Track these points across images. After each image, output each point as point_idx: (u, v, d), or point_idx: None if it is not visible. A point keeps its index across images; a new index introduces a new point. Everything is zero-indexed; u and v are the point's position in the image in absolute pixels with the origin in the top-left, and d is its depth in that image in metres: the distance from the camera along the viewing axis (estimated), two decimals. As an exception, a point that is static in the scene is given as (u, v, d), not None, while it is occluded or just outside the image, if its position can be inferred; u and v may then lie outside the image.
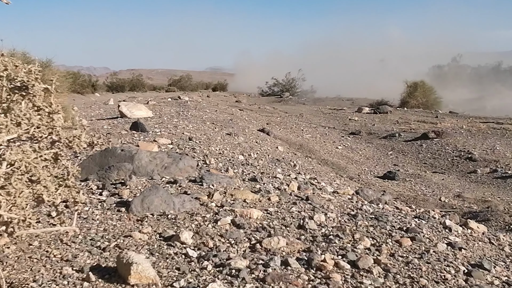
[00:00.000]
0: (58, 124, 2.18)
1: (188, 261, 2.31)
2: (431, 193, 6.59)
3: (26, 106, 2.12)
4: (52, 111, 2.17)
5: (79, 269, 2.15)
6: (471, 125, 12.22)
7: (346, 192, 4.25)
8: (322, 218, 3.04)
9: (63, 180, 2.24)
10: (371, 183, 7.07)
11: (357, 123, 13.72)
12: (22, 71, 2.12)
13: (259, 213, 3.04)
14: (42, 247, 2.38)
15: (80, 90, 19.35)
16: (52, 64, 10.81)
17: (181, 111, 11.02)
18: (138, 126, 6.93)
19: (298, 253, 2.49)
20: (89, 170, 3.94)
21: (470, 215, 5.06)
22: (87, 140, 2.28)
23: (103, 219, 2.85)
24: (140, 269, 2.01)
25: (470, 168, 8.26)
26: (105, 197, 3.29)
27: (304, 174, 5.30)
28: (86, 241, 2.48)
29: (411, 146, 10.35)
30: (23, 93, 2.12)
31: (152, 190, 3.14)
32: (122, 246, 2.44)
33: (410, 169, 8.43)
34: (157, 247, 2.46)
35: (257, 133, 9.37)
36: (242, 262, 2.27)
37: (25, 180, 2.05)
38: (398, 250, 2.62)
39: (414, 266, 2.40)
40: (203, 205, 3.15)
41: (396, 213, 3.48)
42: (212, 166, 4.65)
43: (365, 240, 2.70)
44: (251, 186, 3.90)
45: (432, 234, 2.96)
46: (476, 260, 2.60)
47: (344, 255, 2.46)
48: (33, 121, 2.09)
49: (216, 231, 2.70)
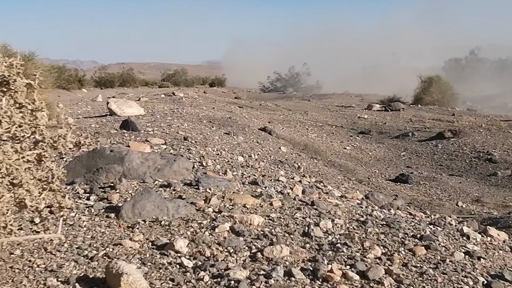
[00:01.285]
0: (41, 123, 2.18)
1: (183, 271, 2.31)
2: (447, 198, 6.59)
3: (7, 103, 2.12)
4: (36, 108, 2.18)
5: (65, 280, 2.15)
6: (491, 124, 12.21)
7: (354, 196, 4.25)
8: (329, 224, 3.04)
9: (47, 184, 2.24)
10: (382, 186, 7.07)
11: (366, 122, 13.72)
12: (2, 65, 2.12)
13: (260, 219, 3.04)
14: (25, 256, 2.38)
15: (65, 86, 19.38)
16: (35, 58, 10.82)
17: (175, 109, 11.04)
18: (129, 124, 6.93)
19: (303, 262, 2.49)
20: (75, 172, 3.94)
21: (489, 222, 5.05)
22: (73, 140, 2.28)
23: (91, 226, 2.86)
24: (131, 280, 2.01)
25: (489, 170, 8.25)
26: (93, 202, 3.30)
27: (309, 177, 5.31)
28: (72, 250, 2.48)
29: (425, 146, 10.34)
30: (4, 89, 2.13)
31: (144, 194, 3.14)
32: (111, 255, 2.44)
33: (425, 171, 8.42)
34: (150, 256, 2.46)
35: (258, 132, 9.38)
36: (242, 272, 2.27)
37: (6, 183, 2.05)
38: (412, 259, 2.62)
39: (429, 277, 2.40)
40: (200, 211, 3.16)
41: (409, 219, 3.48)
42: (209, 168, 4.65)
43: (376, 248, 2.70)
44: (251, 190, 3.90)
45: (448, 242, 2.95)
46: (497, 271, 2.59)
47: (353, 265, 2.46)
48: (15, 119, 2.10)
49: (214, 239, 2.70)
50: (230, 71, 40.48)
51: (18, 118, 2.11)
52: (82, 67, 43.48)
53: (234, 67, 44.95)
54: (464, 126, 12.02)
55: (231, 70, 41.16)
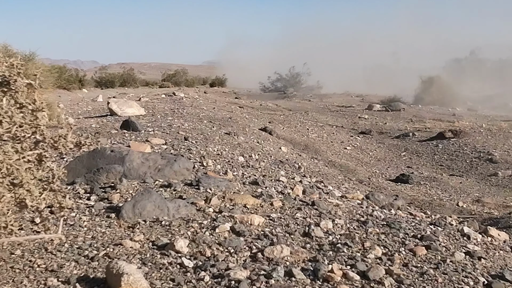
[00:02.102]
0: (42, 123, 2.18)
1: (183, 271, 2.31)
2: (448, 198, 6.59)
3: (7, 103, 2.12)
4: (36, 108, 2.18)
5: (65, 280, 2.15)
6: (491, 124, 12.21)
7: (355, 196, 4.25)
8: (329, 225, 3.04)
9: (47, 184, 2.24)
10: (383, 186, 7.07)
11: (367, 122, 13.72)
12: (3, 65, 2.12)
13: (261, 219, 3.04)
14: (25, 256, 2.38)
15: (66, 86, 19.38)
16: (36, 58, 10.83)
17: (176, 109, 11.04)
18: (129, 124, 6.94)
19: (303, 262, 2.49)
20: (76, 172, 3.95)
21: (490, 222, 5.05)
22: (73, 140, 2.28)
23: (91, 226, 2.86)
24: (131, 280, 2.01)
25: (490, 170, 8.25)
26: (94, 202, 3.30)
27: (309, 177, 5.31)
28: (72, 250, 2.48)
29: (426, 146, 10.34)
30: (4, 89, 2.13)
31: (144, 194, 3.14)
32: (111, 255, 2.44)
33: (425, 171, 8.42)
34: (150, 256, 2.46)
35: (259, 133, 9.38)
36: (242, 272, 2.27)
37: (6, 183, 2.05)
38: (412, 259, 2.62)
39: (429, 277, 2.40)
40: (200, 211, 3.16)
41: (409, 219, 3.48)
42: (209, 168, 4.65)
43: (376, 248, 2.70)
44: (252, 190, 3.90)
45: (449, 242, 2.95)
46: (497, 271, 2.59)
47: (353, 265, 2.46)
48: (15, 119, 2.10)
49: (214, 239, 2.70)
50: (230, 71, 40.48)
51: (19, 118, 2.12)
52: (82, 67, 43.47)
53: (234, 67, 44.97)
54: (465, 126, 12.02)
55: (232, 70, 41.15)
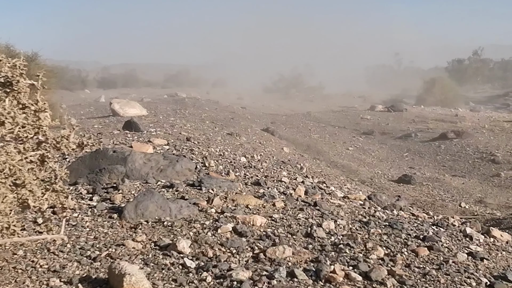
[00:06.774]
0: (44, 123, 2.19)
1: (185, 272, 2.31)
2: (450, 198, 6.57)
3: (10, 104, 2.12)
4: (39, 109, 2.18)
5: (68, 280, 2.15)
6: (494, 125, 12.18)
7: (357, 197, 4.24)
8: (332, 225, 3.04)
9: (50, 184, 2.24)
10: (385, 187, 7.06)
11: (369, 122, 13.70)
12: (6, 65, 2.13)
13: (263, 220, 3.04)
14: (28, 256, 2.39)
15: (68, 86, 19.44)
16: (38, 58, 10.84)
17: (178, 109, 11.05)
18: (132, 125, 6.94)
19: (305, 263, 2.49)
20: (78, 173, 3.95)
21: (492, 223, 5.03)
22: (76, 140, 2.28)
23: (94, 227, 2.86)
24: (133, 280, 2.01)
25: (493, 171, 8.23)
26: (96, 203, 3.30)
27: (311, 177, 5.30)
28: (75, 250, 2.49)
29: (428, 147, 10.33)
30: (7, 90, 2.13)
31: (146, 195, 3.14)
32: (114, 256, 2.45)
33: (428, 172, 8.40)
34: (152, 257, 2.46)
35: (261, 133, 9.38)
36: (245, 273, 2.27)
37: (9, 184, 2.05)
38: (414, 260, 2.62)
39: (431, 278, 2.39)
40: (202, 211, 3.16)
41: (412, 220, 3.48)
42: (211, 169, 4.65)
43: (378, 249, 2.69)
44: (254, 190, 3.90)
45: (451, 243, 2.95)
46: (500, 272, 2.59)
47: (356, 265, 2.46)
48: (18, 120, 2.10)
49: (216, 240, 2.70)
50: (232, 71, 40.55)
51: (21, 118, 2.12)
52: (85, 68, 43.49)
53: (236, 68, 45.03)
54: (467, 127, 11.99)
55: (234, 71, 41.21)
